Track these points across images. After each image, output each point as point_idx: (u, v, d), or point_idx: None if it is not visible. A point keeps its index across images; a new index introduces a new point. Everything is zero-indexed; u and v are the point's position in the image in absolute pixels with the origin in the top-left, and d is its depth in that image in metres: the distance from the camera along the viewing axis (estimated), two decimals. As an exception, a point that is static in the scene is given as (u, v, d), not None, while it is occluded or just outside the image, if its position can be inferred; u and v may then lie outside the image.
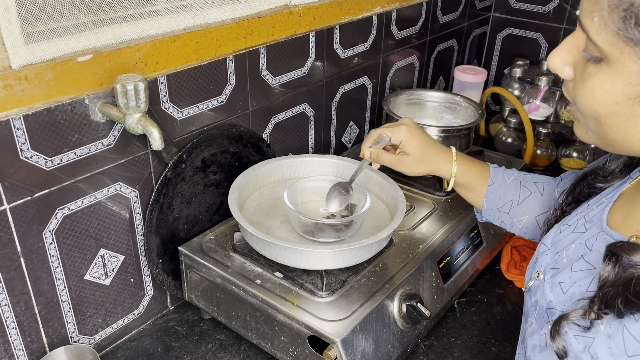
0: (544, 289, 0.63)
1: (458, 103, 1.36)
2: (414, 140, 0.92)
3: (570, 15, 1.67)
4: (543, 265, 0.66)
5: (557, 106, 1.51)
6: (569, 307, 0.57)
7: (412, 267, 0.96)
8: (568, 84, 0.57)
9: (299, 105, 1.23)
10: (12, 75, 0.72)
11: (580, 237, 0.63)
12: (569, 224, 0.67)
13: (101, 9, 0.79)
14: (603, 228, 0.60)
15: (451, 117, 1.38)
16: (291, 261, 0.89)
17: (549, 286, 0.62)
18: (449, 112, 1.38)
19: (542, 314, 0.62)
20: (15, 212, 0.78)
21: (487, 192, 0.92)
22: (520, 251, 1.22)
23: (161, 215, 0.98)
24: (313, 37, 1.18)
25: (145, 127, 0.78)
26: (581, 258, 0.60)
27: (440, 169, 0.93)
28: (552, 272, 0.63)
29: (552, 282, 0.62)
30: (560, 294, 0.60)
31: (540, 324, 0.62)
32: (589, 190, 0.71)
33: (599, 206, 0.64)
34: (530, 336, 0.64)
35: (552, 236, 0.69)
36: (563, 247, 0.65)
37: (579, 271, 0.59)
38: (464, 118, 1.34)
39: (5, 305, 0.81)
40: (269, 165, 1.08)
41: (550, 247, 0.67)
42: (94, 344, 0.97)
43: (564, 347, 0.56)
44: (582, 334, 0.54)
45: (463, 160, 0.93)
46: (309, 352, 0.85)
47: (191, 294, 1.03)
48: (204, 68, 0.97)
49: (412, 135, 0.93)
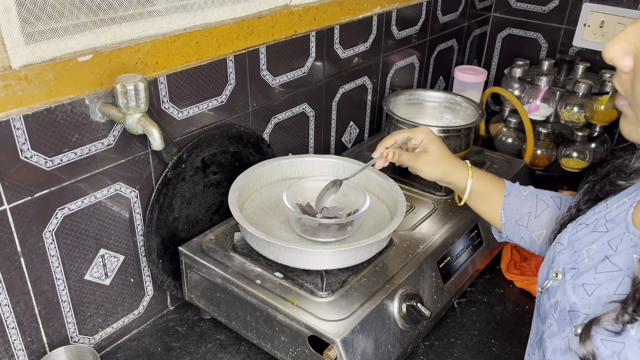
0: (565, 290, 0.61)
1: (458, 103, 1.36)
2: (436, 140, 0.94)
3: (570, 15, 1.67)
4: (561, 265, 0.64)
5: (557, 106, 1.51)
6: (597, 310, 0.56)
7: (412, 267, 0.96)
8: (623, 76, 0.53)
9: (299, 105, 1.23)
10: (12, 75, 0.72)
11: (602, 237, 0.62)
12: (587, 224, 0.66)
13: (101, 9, 0.79)
14: (629, 229, 0.59)
15: (451, 117, 1.38)
16: (291, 261, 0.89)
17: (571, 287, 0.61)
18: (449, 112, 1.38)
19: (563, 316, 0.61)
20: (15, 212, 0.78)
21: (503, 203, 0.90)
22: (520, 251, 1.22)
23: (161, 215, 0.98)
24: (313, 37, 1.18)
25: (145, 127, 0.78)
26: (606, 259, 0.59)
27: (456, 172, 0.92)
28: (573, 272, 0.62)
29: (574, 283, 0.60)
30: (584, 295, 0.59)
31: (562, 327, 0.60)
32: (609, 188, 0.69)
33: (620, 206, 0.63)
34: (549, 338, 0.62)
35: (567, 235, 0.68)
36: (582, 247, 0.63)
37: (604, 273, 0.58)
38: (464, 118, 1.34)
39: (5, 305, 0.81)
40: (269, 165, 1.08)
41: (567, 247, 0.66)
42: (94, 344, 0.97)
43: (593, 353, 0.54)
44: (611, 339, 0.53)
45: (477, 170, 0.93)
46: (309, 352, 0.85)
47: (191, 294, 1.03)
48: (204, 68, 0.97)
49: (433, 136, 0.94)
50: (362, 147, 1.40)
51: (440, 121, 1.38)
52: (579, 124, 1.47)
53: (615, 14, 1.57)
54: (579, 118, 1.46)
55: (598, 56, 1.65)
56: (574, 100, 1.45)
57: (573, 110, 1.45)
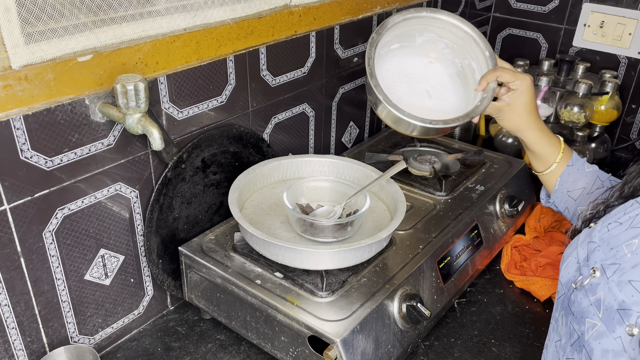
0: (610, 287, 0.60)
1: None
2: (532, 92, 0.94)
3: (570, 15, 1.67)
4: (598, 262, 0.64)
5: (557, 106, 1.51)
6: None
7: (412, 267, 0.96)
8: None
9: (299, 105, 1.23)
10: (12, 75, 0.72)
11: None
12: (619, 222, 0.66)
13: (101, 9, 0.79)
14: None
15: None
16: (291, 261, 0.89)
17: (616, 285, 0.60)
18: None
19: (611, 315, 0.59)
20: (15, 212, 0.78)
21: (563, 172, 0.94)
22: (520, 251, 1.22)
23: (161, 215, 0.98)
24: (313, 37, 1.18)
25: (145, 127, 0.78)
26: None
27: (532, 130, 0.95)
28: (614, 268, 0.61)
29: (619, 280, 0.60)
30: (634, 293, 0.58)
31: (611, 326, 0.59)
32: None
33: None
34: (596, 340, 0.61)
35: (597, 234, 0.68)
36: (620, 243, 0.63)
37: None
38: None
39: (5, 305, 0.81)
40: (269, 165, 1.08)
41: (601, 244, 0.66)
42: (94, 344, 0.97)
43: None
44: None
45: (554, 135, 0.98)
46: (309, 352, 0.85)
47: (191, 294, 1.03)
48: (204, 68, 0.97)
49: (532, 87, 0.94)
50: (362, 147, 1.40)
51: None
52: (579, 124, 1.47)
53: (615, 14, 1.57)
54: (579, 118, 1.46)
55: (598, 56, 1.65)
56: (574, 100, 1.45)
57: (573, 110, 1.45)
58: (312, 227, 0.94)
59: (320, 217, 0.98)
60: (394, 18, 0.98)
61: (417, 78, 1.03)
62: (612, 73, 1.55)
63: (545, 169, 0.97)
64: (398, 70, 1.03)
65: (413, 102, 1.01)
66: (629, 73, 1.60)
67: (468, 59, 1.01)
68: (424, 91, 1.03)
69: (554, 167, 0.96)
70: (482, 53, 0.97)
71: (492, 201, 1.20)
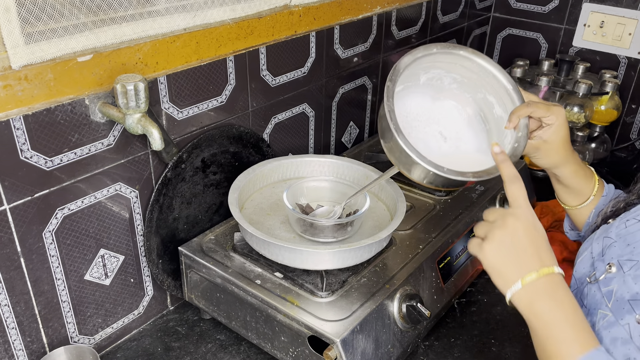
0: (625, 280, 0.63)
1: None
2: (566, 126, 0.86)
3: (570, 15, 1.67)
4: (614, 258, 0.66)
5: (557, 106, 1.51)
6: None
7: (412, 267, 0.96)
8: None
9: (299, 105, 1.23)
10: (12, 75, 0.72)
11: None
12: (637, 219, 0.67)
13: (101, 9, 0.79)
14: None
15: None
16: (291, 261, 0.89)
17: (632, 278, 0.62)
18: None
19: (621, 305, 0.62)
20: (15, 212, 0.78)
21: (598, 204, 0.88)
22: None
23: (161, 215, 0.98)
24: (313, 37, 1.18)
25: (145, 127, 0.78)
26: None
27: (569, 165, 0.88)
28: (631, 264, 0.63)
29: (636, 274, 0.62)
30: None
31: (620, 315, 0.62)
32: None
33: None
34: (606, 329, 0.63)
35: (615, 230, 0.69)
36: (637, 240, 0.65)
37: None
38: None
39: (5, 305, 0.81)
40: (269, 165, 1.08)
41: (617, 240, 0.67)
42: (94, 344, 0.97)
43: None
44: None
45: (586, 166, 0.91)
46: (309, 352, 0.85)
47: (191, 294, 1.03)
48: (204, 68, 0.97)
49: (565, 120, 0.86)
50: (362, 147, 1.40)
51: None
52: (579, 124, 1.47)
53: (615, 14, 1.57)
54: (579, 118, 1.46)
55: (598, 56, 1.65)
56: (574, 100, 1.46)
57: (573, 110, 1.45)
58: (312, 227, 0.94)
59: (320, 217, 0.98)
60: (405, 60, 0.87)
61: (426, 120, 0.94)
62: (612, 73, 1.55)
63: (579, 203, 0.90)
64: (405, 114, 0.92)
65: (430, 149, 0.90)
66: (629, 73, 1.60)
67: (482, 92, 0.91)
68: (437, 133, 0.93)
69: (590, 200, 0.89)
70: (503, 87, 0.88)
71: (492, 201, 1.20)
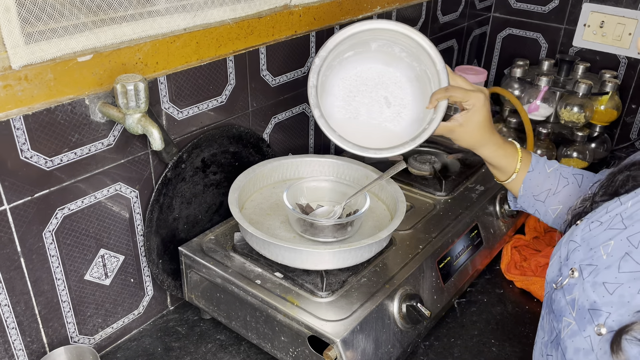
0: (584, 288, 0.61)
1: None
2: (486, 109, 0.89)
3: (570, 15, 1.67)
4: (577, 262, 0.64)
5: (557, 106, 1.51)
6: (620, 310, 0.56)
7: (412, 267, 0.96)
8: None
9: (299, 105, 1.23)
10: (12, 75, 0.72)
11: (620, 234, 0.61)
12: (600, 221, 0.66)
13: (101, 9, 0.79)
14: None
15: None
16: (291, 261, 0.89)
17: (590, 285, 0.60)
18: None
19: (583, 314, 0.60)
20: (15, 212, 0.78)
21: (525, 179, 0.93)
22: (520, 251, 1.22)
23: (161, 215, 0.98)
24: (313, 37, 1.18)
25: (145, 127, 0.78)
26: (627, 256, 0.58)
27: (489, 146, 0.92)
28: (590, 269, 0.62)
29: (594, 281, 0.60)
30: (605, 294, 0.58)
31: (582, 325, 0.60)
32: (633, 184, 0.68)
33: (637, 202, 0.63)
34: (570, 338, 0.62)
35: (580, 233, 0.67)
36: (598, 244, 0.63)
37: (627, 272, 0.57)
38: None
39: (5, 305, 0.81)
40: (269, 165, 1.08)
41: (581, 244, 0.66)
42: (94, 344, 0.97)
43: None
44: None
45: (511, 144, 0.95)
46: (309, 352, 0.85)
47: (191, 294, 1.03)
48: (204, 68, 0.97)
49: (486, 105, 0.89)
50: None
51: None
52: (579, 124, 1.47)
53: (615, 14, 1.57)
54: (579, 118, 1.46)
55: (598, 56, 1.65)
56: (574, 100, 1.45)
57: (573, 110, 1.45)
58: (312, 227, 0.94)
59: (320, 217, 0.98)
60: (336, 37, 0.90)
61: (374, 84, 0.98)
62: (612, 73, 1.55)
63: (506, 179, 0.95)
64: (355, 78, 0.98)
65: (371, 113, 0.98)
66: (629, 73, 1.60)
67: (424, 65, 0.94)
68: (383, 99, 0.98)
69: (514, 176, 0.94)
70: (434, 66, 0.90)
71: (492, 201, 1.20)
